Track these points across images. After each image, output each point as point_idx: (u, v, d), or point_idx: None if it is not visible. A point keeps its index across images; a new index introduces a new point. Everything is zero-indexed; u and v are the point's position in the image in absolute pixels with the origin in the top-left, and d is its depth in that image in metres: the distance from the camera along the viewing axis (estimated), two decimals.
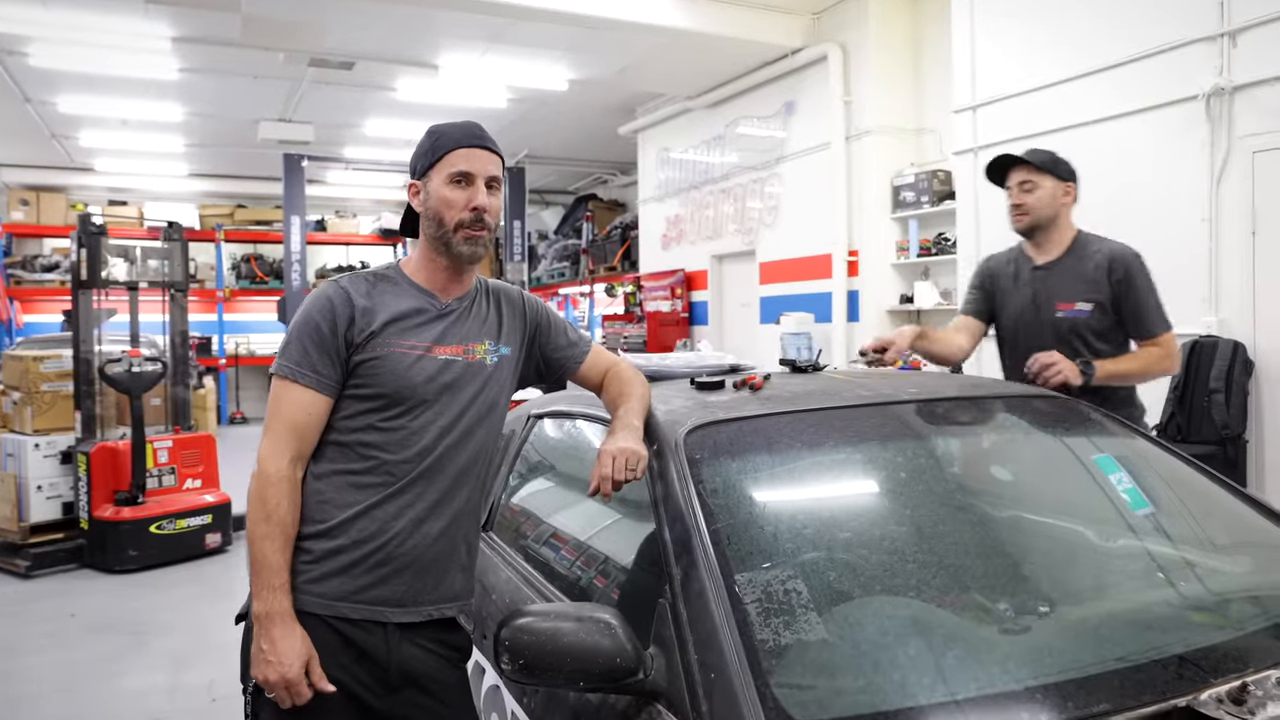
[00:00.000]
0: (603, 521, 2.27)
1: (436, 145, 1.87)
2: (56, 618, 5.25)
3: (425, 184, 1.89)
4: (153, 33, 7.40)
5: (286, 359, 1.82)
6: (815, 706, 1.43)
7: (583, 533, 2.32)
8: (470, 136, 1.88)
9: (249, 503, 1.78)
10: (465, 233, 1.85)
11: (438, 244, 1.89)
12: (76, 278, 6.50)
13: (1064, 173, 2.98)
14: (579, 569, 2.19)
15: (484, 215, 1.86)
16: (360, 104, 10.05)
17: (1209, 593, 1.88)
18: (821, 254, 7.70)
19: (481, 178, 1.86)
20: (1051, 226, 2.97)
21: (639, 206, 11.04)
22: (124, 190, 14.85)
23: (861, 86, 7.34)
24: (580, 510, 2.42)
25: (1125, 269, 2.87)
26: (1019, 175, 2.99)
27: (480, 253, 1.89)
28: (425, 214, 1.90)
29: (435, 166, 1.87)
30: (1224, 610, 1.80)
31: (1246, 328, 4.40)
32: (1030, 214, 2.96)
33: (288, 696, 1.70)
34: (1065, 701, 1.42)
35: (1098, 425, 2.34)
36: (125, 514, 6.18)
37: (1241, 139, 4.40)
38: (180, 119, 10.59)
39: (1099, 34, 5.02)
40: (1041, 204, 2.94)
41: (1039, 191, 2.94)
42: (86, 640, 4.89)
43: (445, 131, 1.89)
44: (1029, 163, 2.97)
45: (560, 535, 2.40)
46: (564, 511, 2.53)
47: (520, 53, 8.01)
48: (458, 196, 1.85)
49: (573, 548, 2.30)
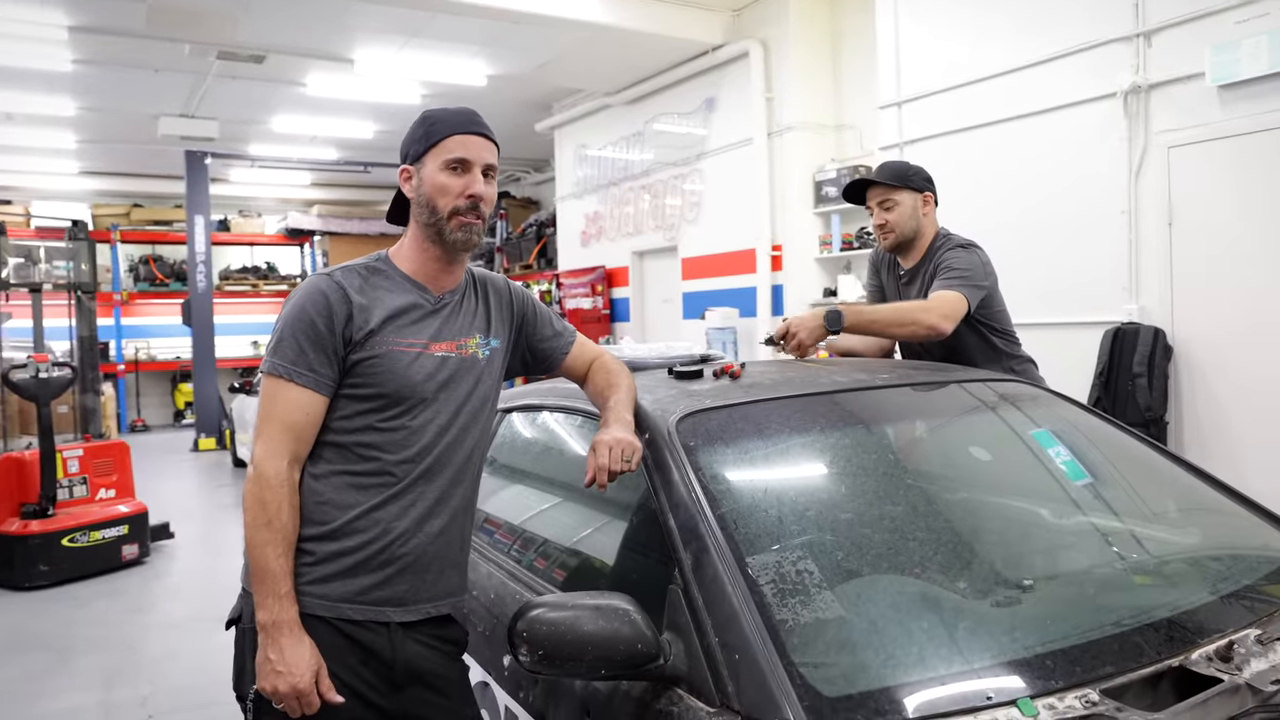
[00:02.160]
0: (585, 513, 2.27)
1: (432, 130, 1.83)
2: None
3: (419, 169, 1.84)
4: (49, 20, 7.05)
5: (280, 357, 1.74)
6: (841, 681, 1.46)
7: (566, 525, 2.31)
8: (469, 122, 1.84)
9: (246, 507, 1.70)
10: (459, 220, 1.81)
11: (430, 231, 1.83)
12: None
13: (919, 184, 2.98)
14: (567, 561, 2.18)
15: (480, 204, 1.82)
16: (268, 99, 9.74)
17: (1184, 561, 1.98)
18: (745, 249, 7.81)
19: (478, 165, 1.82)
20: (917, 238, 2.99)
21: (556, 203, 11.01)
22: (8, 189, 14.10)
23: (783, 82, 7.47)
24: (560, 503, 2.41)
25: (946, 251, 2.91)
26: (877, 195, 2.99)
27: (474, 240, 1.84)
28: (417, 200, 1.84)
29: (430, 152, 1.82)
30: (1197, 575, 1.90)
31: (1165, 315, 4.62)
32: (895, 230, 2.96)
33: (298, 707, 1.65)
34: (1073, 666, 1.48)
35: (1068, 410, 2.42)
36: (34, 527, 5.91)
37: (1158, 134, 4.61)
38: (73, 113, 10.11)
39: (1021, 32, 5.21)
40: (903, 219, 2.95)
41: (899, 208, 2.94)
42: (4, 660, 4.64)
43: (441, 117, 1.84)
44: (883, 182, 2.98)
45: (539, 528, 2.39)
46: (540, 504, 2.51)
47: (439, 47, 7.91)
48: (454, 183, 1.80)
49: (558, 541, 2.29)
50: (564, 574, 2.15)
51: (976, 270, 2.83)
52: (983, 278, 2.83)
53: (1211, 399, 4.50)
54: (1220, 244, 4.39)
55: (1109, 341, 4.72)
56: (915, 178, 2.97)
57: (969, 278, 2.80)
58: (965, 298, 2.76)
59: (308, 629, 1.70)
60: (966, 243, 2.94)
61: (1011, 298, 3.06)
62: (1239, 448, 4.35)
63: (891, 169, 3.02)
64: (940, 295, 2.78)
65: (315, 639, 1.70)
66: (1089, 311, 4.90)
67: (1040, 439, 2.22)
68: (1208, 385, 4.51)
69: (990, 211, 5.32)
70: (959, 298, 2.75)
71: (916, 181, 2.97)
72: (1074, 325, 4.94)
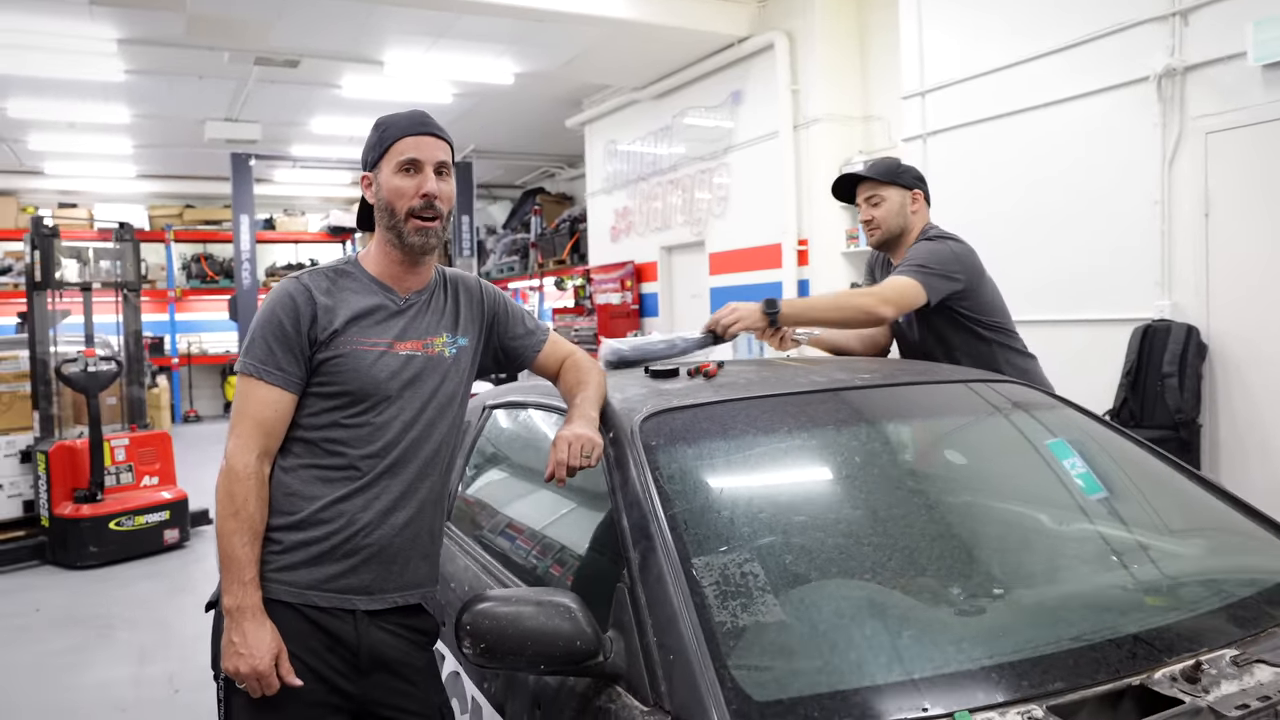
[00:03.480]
0: (559, 509, 2.30)
1: (384, 136, 1.89)
2: (22, 612, 5.36)
3: (376, 175, 1.90)
4: (98, 35, 7.29)
5: (251, 357, 1.82)
6: (773, 686, 1.47)
7: (539, 521, 2.35)
8: (416, 124, 1.89)
9: (217, 498, 1.79)
10: (415, 223, 1.86)
11: (391, 235, 1.90)
12: (31, 279, 6.55)
13: (909, 181, 2.94)
14: (536, 557, 2.22)
15: (435, 201, 1.87)
16: (306, 102, 9.93)
17: (1163, 575, 1.91)
18: (771, 244, 7.76)
19: (430, 164, 1.87)
20: (904, 235, 2.95)
21: (587, 199, 11.04)
22: (74, 193, 14.67)
23: (809, 74, 7.39)
24: (536, 499, 2.44)
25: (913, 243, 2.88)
26: (865, 191, 2.96)
27: (432, 243, 1.89)
28: (378, 205, 1.91)
29: (384, 157, 1.88)
30: (1178, 592, 1.83)
31: (1200, 311, 4.39)
32: (881, 227, 2.93)
33: (258, 687, 1.73)
34: (1020, 680, 1.44)
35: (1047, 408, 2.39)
36: (85, 511, 6.25)
37: (1194, 120, 4.38)
38: (128, 120, 10.45)
39: (1048, 16, 5.02)
40: (890, 216, 2.92)
41: (886, 204, 2.91)
42: (51, 634, 4.97)
43: (392, 122, 1.90)
44: (872, 178, 2.94)
45: (517, 524, 2.43)
46: (520, 500, 2.55)
47: (465, 47, 7.96)
48: (407, 184, 1.86)
49: (530, 536, 2.32)
50: (530, 569, 2.18)
51: (942, 260, 2.76)
52: (953, 269, 2.76)
53: (1249, 400, 4.28)
54: (1261, 236, 4.15)
55: (1138, 340, 4.51)
56: (905, 175, 2.94)
57: (927, 267, 2.75)
58: (920, 284, 2.71)
59: (276, 614, 1.77)
60: (941, 235, 2.89)
61: (1035, 294, 2.97)
62: (1278, 452, 4.15)
63: (881, 165, 2.99)
64: (889, 281, 2.76)
65: (282, 624, 1.77)
66: (1117, 308, 4.71)
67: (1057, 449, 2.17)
68: (1245, 386, 4.29)
69: (1014, 204, 5.20)
70: (910, 283, 2.71)
71: (906, 179, 2.94)
72: (1101, 322, 4.76)
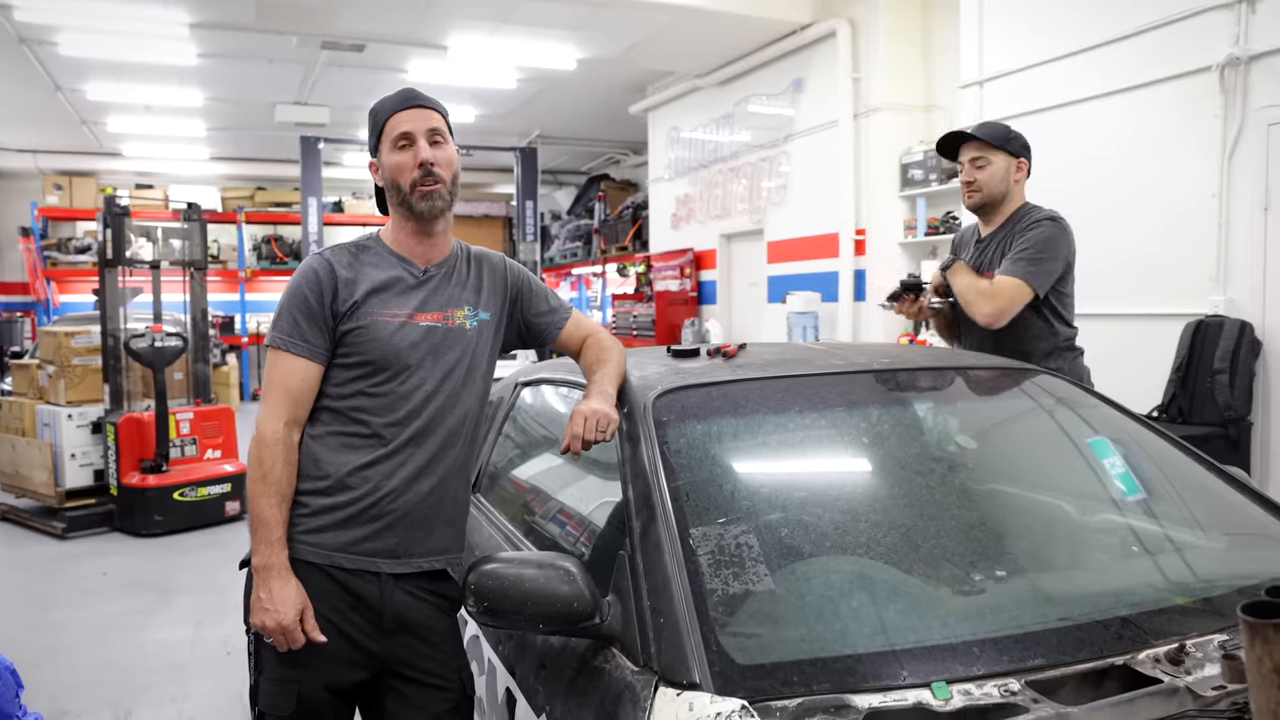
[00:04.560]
0: (580, 482, 2.37)
1: (376, 119, 1.99)
2: (90, 576, 5.63)
3: (380, 158, 2.00)
4: (171, 19, 7.55)
5: (279, 331, 1.92)
6: (757, 650, 1.52)
7: (562, 493, 2.42)
8: (403, 100, 1.98)
9: (248, 463, 1.90)
10: (420, 190, 1.94)
11: (402, 209, 1.98)
12: (103, 257, 6.81)
13: (1016, 149, 2.92)
14: (554, 526, 2.29)
15: (433, 168, 1.94)
16: (373, 86, 10.09)
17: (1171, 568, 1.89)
18: (829, 233, 7.72)
19: (422, 134, 1.95)
20: (1003, 202, 2.93)
21: (649, 186, 11.09)
22: (150, 174, 15.17)
23: (870, 63, 7.33)
24: (559, 472, 2.51)
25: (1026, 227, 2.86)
26: (970, 151, 2.93)
27: (439, 206, 1.97)
28: (386, 186, 2.00)
29: (382, 138, 1.98)
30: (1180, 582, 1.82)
31: (1255, 307, 4.31)
32: (982, 190, 2.91)
33: (284, 641, 1.82)
34: (1001, 655, 1.47)
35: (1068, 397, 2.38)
36: (151, 481, 6.51)
37: (1257, 111, 4.27)
38: (201, 103, 10.77)
39: (1108, 4, 4.93)
40: (993, 180, 2.89)
41: (990, 168, 2.89)
42: (117, 597, 5.24)
43: (382, 105, 2.00)
44: (980, 139, 2.91)
45: (541, 496, 2.50)
46: (545, 474, 2.62)
47: (528, 32, 8.07)
48: (405, 159, 1.94)
49: (551, 507, 2.40)
50: (549, 538, 2.25)
51: (1057, 248, 2.79)
52: (1064, 254, 2.81)
53: None
54: None
55: (1189, 335, 4.44)
56: (1014, 142, 2.93)
57: (1041, 261, 2.76)
58: (1030, 285, 2.75)
59: (304, 575, 1.86)
60: (1053, 215, 2.88)
61: (1086, 287, 2.97)
62: None
63: (992, 128, 2.97)
64: (1001, 283, 2.77)
65: (310, 584, 1.86)
66: (1170, 303, 4.63)
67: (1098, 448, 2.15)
68: None
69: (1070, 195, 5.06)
70: (1020, 286, 2.75)
71: (1014, 146, 2.92)
72: (1153, 317, 4.69)
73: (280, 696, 1.87)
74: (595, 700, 1.57)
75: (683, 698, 1.41)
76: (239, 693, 3.73)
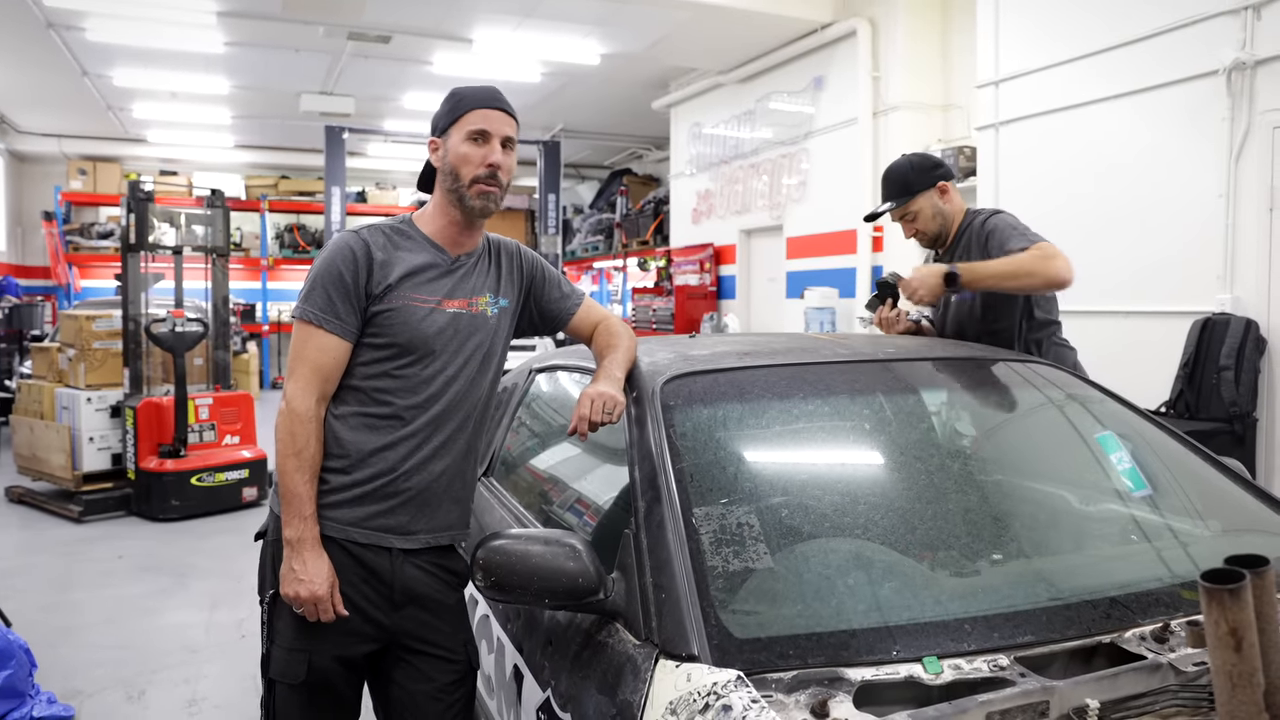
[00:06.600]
0: (589, 465, 2.42)
1: (457, 105, 2.00)
2: (106, 559, 5.66)
3: (445, 140, 2.01)
4: (199, 7, 7.65)
5: (311, 304, 1.94)
6: (754, 625, 1.56)
7: (572, 476, 2.47)
8: (489, 99, 2.01)
9: (278, 437, 1.92)
10: (479, 188, 1.97)
11: (452, 197, 2.01)
12: (125, 241, 6.82)
13: (925, 182, 2.90)
14: (564, 507, 2.35)
15: (498, 172, 1.98)
16: (398, 78, 10.23)
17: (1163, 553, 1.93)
18: (847, 229, 7.75)
19: (498, 137, 1.98)
20: (949, 226, 2.94)
21: (671, 181, 11.13)
22: (174, 161, 15.35)
23: (890, 61, 7.36)
24: (569, 455, 2.57)
25: (988, 229, 2.84)
26: (894, 215, 2.97)
27: (491, 208, 2.01)
28: (443, 169, 2.02)
29: (455, 124, 1.99)
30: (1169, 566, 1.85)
31: (1261, 306, 4.39)
32: (926, 232, 2.95)
33: (315, 611, 1.88)
34: (992, 632, 1.52)
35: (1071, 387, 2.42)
36: (168, 466, 6.54)
37: (1263, 114, 4.36)
38: (227, 91, 10.88)
39: (1120, 8, 5.00)
40: (927, 220, 2.92)
41: (919, 215, 2.92)
42: (133, 579, 5.27)
43: (466, 94, 2.02)
44: (892, 202, 2.94)
45: (550, 478, 2.56)
46: (555, 456, 2.68)
47: (552, 27, 8.13)
48: (475, 153, 1.97)
49: (560, 488, 2.45)
50: (559, 518, 2.31)
51: (1026, 226, 2.79)
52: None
53: None
54: None
55: (1196, 332, 4.51)
56: (918, 179, 2.91)
57: (1025, 232, 2.74)
58: (1043, 239, 2.70)
59: None
60: (997, 210, 2.91)
61: (1097, 284, 2.99)
62: None
63: (892, 183, 2.96)
64: (1040, 246, 2.65)
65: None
66: (1178, 301, 4.69)
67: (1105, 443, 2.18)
68: None
69: (1080, 195, 5.17)
70: (1041, 244, 2.66)
71: (920, 181, 2.90)
72: (1161, 315, 4.75)
73: (292, 665, 1.93)
74: (599, 673, 1.62)
75: (681, 669, 1.46)
76: (251, 674, 3.77)
